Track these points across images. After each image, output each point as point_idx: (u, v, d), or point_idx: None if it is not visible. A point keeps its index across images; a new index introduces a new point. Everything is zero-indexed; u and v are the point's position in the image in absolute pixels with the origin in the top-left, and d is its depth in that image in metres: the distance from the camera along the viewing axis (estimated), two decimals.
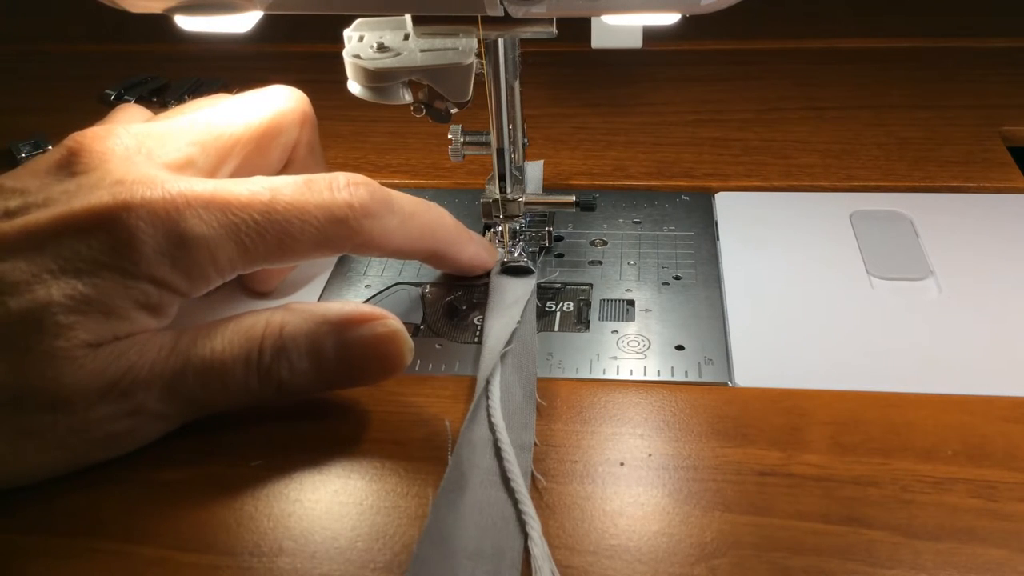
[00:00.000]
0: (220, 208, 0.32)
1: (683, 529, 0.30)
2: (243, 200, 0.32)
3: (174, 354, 0.32)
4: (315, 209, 0.33)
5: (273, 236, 0.33)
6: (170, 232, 0.31)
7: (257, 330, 0.33)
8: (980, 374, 0.36)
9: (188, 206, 0.32)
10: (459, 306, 0.42)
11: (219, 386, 0.32)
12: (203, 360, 0.32)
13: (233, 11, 0.33)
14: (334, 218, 0.33)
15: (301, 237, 0.33)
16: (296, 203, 0.33)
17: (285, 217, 0.33)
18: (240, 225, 0.32)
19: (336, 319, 0.33)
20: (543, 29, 0.35)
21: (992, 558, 0.28)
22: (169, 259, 0.31)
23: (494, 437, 0.33)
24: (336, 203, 0.33)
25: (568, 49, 0.66)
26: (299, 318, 0.33)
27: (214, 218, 0.32)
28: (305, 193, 0.33)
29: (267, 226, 0.33)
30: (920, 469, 0.32)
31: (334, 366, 0.33)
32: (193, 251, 0.32)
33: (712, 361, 0.37)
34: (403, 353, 0.34)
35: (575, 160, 0.53)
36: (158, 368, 0.32)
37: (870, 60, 0.63)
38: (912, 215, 0.46)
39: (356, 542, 0.30)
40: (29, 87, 0.67)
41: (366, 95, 0.37)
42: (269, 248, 0.33)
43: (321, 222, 0.33)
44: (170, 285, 0.32)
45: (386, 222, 0.35)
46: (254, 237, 0.33)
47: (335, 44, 0.37)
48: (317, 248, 0.34)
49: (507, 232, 0.43)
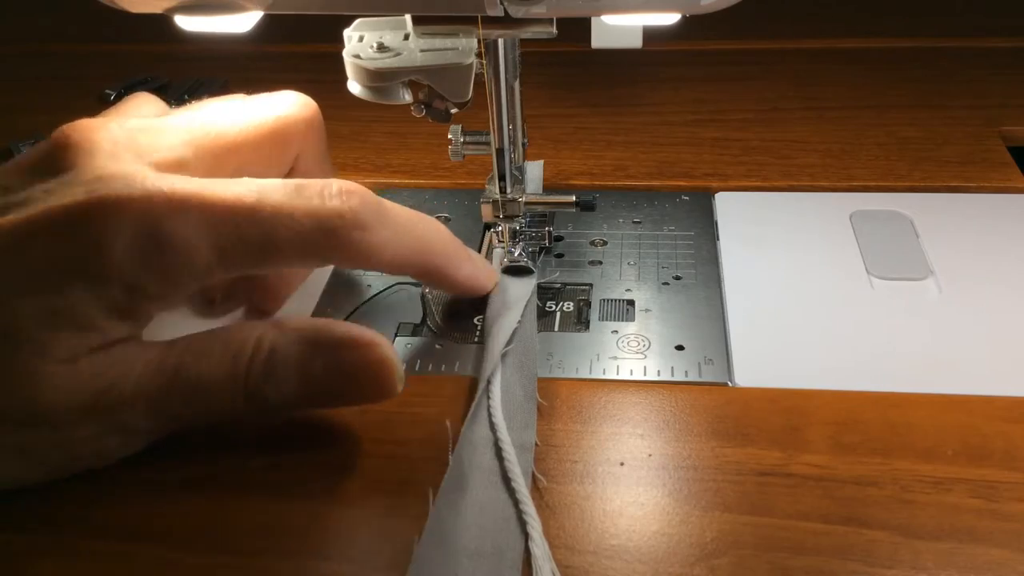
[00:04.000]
0: (201, 208, 0.30)
1: (683, 529, 0.30)
2: (227, 201, 0.31)
3: (159, 373, 0.31)
4: (303, 216, 0.31)
5: (256, 242, 0.31)
6: (144, 231, 0.30)
7: (246, 349, 0.32)
8: (980, 374, 0.36)
9: (166, 204, 0.30)
10: (459, 306, 0.42)
11: (204, 406, 0.32)
12: (189, 380, 0.31)
13: (233, 11, 0.33)
14: (323, 227, 0.32)
15: (286, 245, 0.31)
16: (284, 208, 0.31)
17: (271, 222, 0.31)
18: (221, 228, 0.30)
19: (328, 342, 0.32)
20: (543, 29, 0.35)
21: (992, 558, 0.28)
22: (141, 260, 0.30)
23: (495, 437, 0.33)
24: (326, 211, 0.32)
25: (568, 49, 0.66)
26: (289, 338, 0.32)
27: (193, 218, 0.30)
28: (295, 198, 0.32)
29: (250, 231, 0.31)
30: (920, 469, 0.32)
31: (322, 389, 0.33)
32: (167, 253, 0.30)
33: (712, 361, 0.37)
34: (393, 382, 0.33)
35: (575, 160, 0.53)
36: (142, 387, 0.31)
37: (870, 60, 0.63)
38: (912, 215, 0.46)
39: (356, 542, 0.30)
40: (29, 87, 0.67)
41: (366, 95, 0.37)
42: (250, 254, 0.31)
43: (309, 230, 0.31)
44: (143, 289, 0.30)
45: (378, 234, 0.33)
46: (235, 241, 0.31)
47: (335, 44, 0.37)
48: (303, 257, 0.32)
49: (507, 232, 0.43)
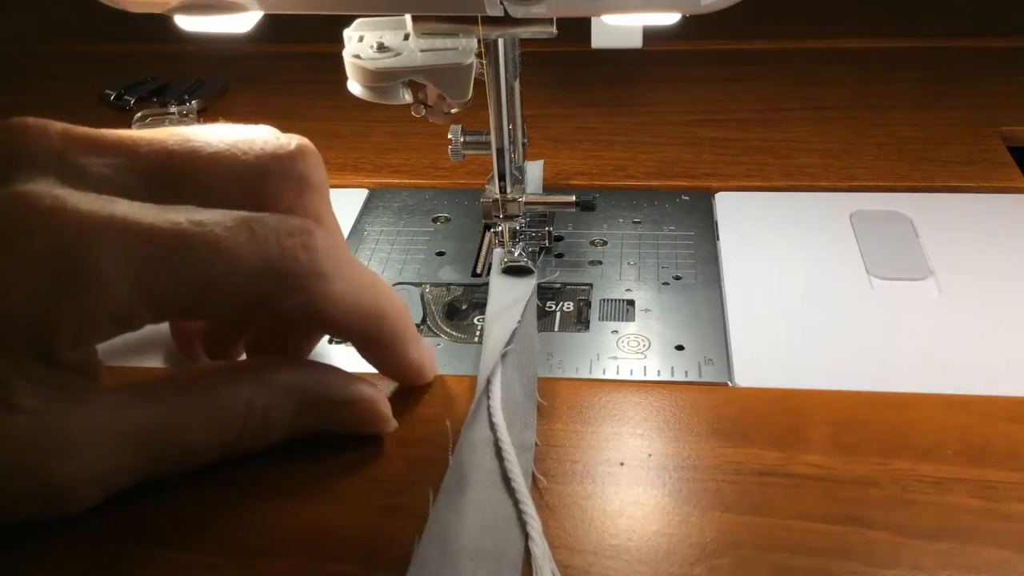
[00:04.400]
0: (122, 236, 0.26)
1: (683, 529, 0.30)
2: (156, 230, 0.26)
3: (144, 444, 0.29)
4: (251, 255, 0.27)
5: (189, 282, 0.27)
6: (52, 264, 0.25)
7: (237, 416, 0.30)
8: (980, 374, 0.36)
9: (81, 231, 0.25)
10: (459, 306, 0.42)
11: (192, 465, 0.31)
12: (177, 451, 0.30)
13: (233, 11, 0.33)
14: (274, 269, 0.28)
15: (226, 286, 0.27)
16: (225, 244, 0.27)
17: (209, 259, 0.27)
18: (146, 262, 0.26)
19: (320, 399, 0.32)
20: (543, 29, 0.35)
21: (992, 558, 0.28)
22: (50, 298, 0.26)
23: (495, 437, 0.33)
24: (280, 250, 0.28)
25: (568, 49, 0.66)
26: (281, 397, 0.31)
27: (111, 249, 0.26)
28: (241, 234, 0.27)
29: (183, 268, 0.26)
30: (920, 469, 0.32)
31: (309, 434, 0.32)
32: (79, 294, 0.26)
33: (712, 361, 0.37)
34: (384, 430, 0.33)
35: (575, 160, 0.53)
36: (125, 462, 0.29)
37: (870, 60, 0.63)
38: (912, 215, 0.46)
39: (356, 542, 0.30)
40: (29, 87, 0.67)
41: (366, 95, 0.37)
42: (183, 297, 0.27)
43: (256, 271, 0.27)
44: (52, 333, 0.26)
45: (334, 286, 0.29)
46: (164, 281, 0.26)
47: (335, 44, 0.37)
48: (247, 303, 0.29)
49: (507, 232, 0.43)
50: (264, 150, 0.30)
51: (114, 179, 0.28)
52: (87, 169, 0.28)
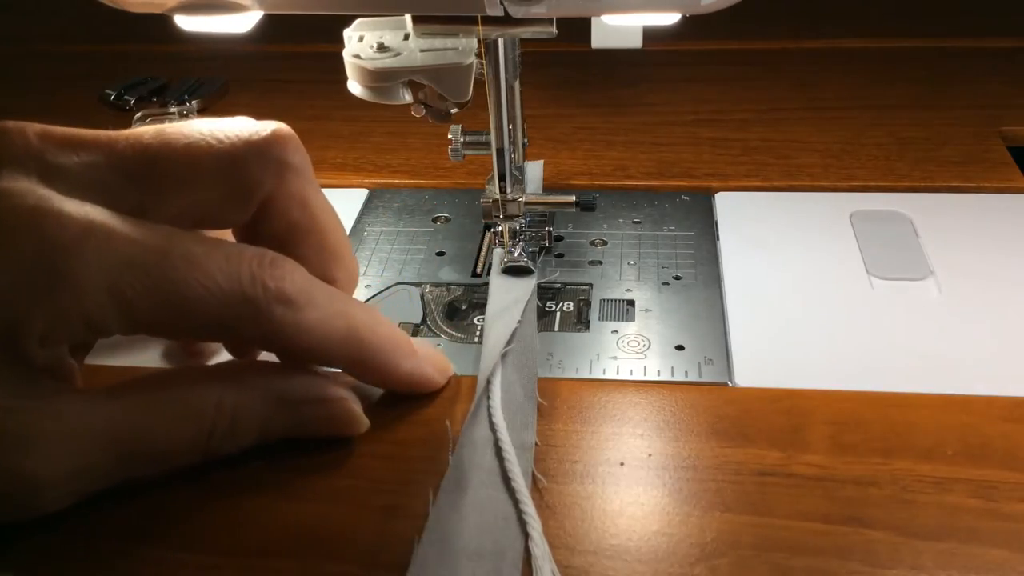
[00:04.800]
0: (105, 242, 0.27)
1: (683, 529, 0.30)
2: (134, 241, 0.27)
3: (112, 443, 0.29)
4: (224, 278, 0.28)
5: (163, 296, 0.27)
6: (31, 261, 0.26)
7: (207, 414, 0.30)
8: (980, 374, 0.36)
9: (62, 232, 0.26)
10: (459, 306, 0.42)
11: (164, 467, 0.31)
12: (146, 451, 0.30)
13: (233, 11, 0.33)
14: (244, 294, 0.29)
15: (200, 307, 0.28)
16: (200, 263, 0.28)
17: (184, 277, 0.28)
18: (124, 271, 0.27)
19: (291, 399, 0.32)
20: (543, 29, 0.35)
21: (992, 558, 0.28)
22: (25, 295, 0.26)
23: (495, 437, 0.33)
24: (249, 276, 0.29)
25: (568, 49, 0.66)
26: (251, 397, 0.31)
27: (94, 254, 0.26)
28: (216, 257, 0.28)
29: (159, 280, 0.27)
30: (920, 469, 0.32)
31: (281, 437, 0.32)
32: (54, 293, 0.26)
33: (712, 361, 0.37)
34: (355, 430, 0.33)
35: (575, 160, 0.53)
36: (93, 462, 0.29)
37: (870, 60, 0.63)
38: (912, 215, 0.46)
39: (356, 542, 0.30)
40: (29, 87, 0.67)
41: (366, 95, 0.37)
42: (156, 310, 0.28)
43: (227, 294, 0.28)
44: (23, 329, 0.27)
45: (306, 315, 0.30)
46: (139, 291, 0.27)
47: (335, 44, 0.37)
48: (220, 325, 0.30)
49: (507, 232, 0.43)
50: (240, 137, 0.31)
51: (94, 177, 0.29)
52: (67, 168, 0.29)
